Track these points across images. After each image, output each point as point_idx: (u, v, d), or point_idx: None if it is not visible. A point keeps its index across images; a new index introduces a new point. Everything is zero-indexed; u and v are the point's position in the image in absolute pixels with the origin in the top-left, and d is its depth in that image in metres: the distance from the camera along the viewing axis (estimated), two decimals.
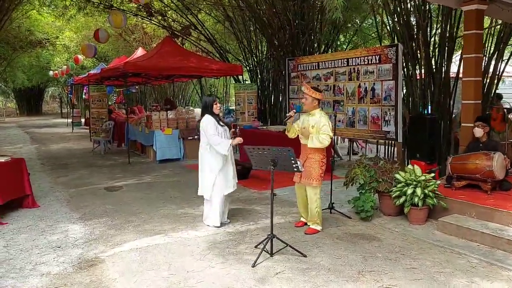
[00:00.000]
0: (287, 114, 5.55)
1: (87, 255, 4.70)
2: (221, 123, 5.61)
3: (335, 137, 10.05)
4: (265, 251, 4.55)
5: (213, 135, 5.42)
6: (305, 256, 4.54)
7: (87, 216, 6.22)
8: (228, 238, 5.17)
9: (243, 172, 8.29)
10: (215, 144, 5.41)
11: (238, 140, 5.58)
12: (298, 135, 5.54)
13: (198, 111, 14.26)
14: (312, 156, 5.31)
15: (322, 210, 5.55)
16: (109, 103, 19.23)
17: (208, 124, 5.48)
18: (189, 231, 5.46)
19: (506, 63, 8.89)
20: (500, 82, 9.29)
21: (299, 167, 4.75)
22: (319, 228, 5.40)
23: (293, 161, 4.59)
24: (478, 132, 6.10)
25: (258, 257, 4.41)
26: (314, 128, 5.26)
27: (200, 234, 5.34)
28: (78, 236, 5.34)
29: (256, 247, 4.80)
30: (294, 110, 5.51)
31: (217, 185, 5.53)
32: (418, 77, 8.49)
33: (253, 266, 4.30)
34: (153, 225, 5.72)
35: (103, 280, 4.09)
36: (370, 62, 8.15)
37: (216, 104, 5.64)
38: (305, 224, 5.57)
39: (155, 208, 6.57)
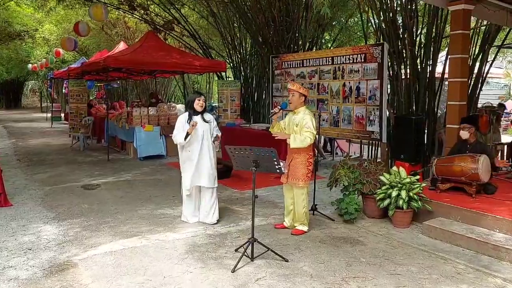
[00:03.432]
0: (272, 111, 5.42)
1: (59, 259, 4.47)
2: (190, 122, 5.46)
3: (318, 136, 9.94)
4: (245, 255, 4.38)
5: (174, 134, 5.57)
6: (286, 260, 4.39)
7: (61, 215, 5.97)
8: (208, 241, 4.99)
9: (225, 171, 8.11)
10: (173, 137, 5.61)
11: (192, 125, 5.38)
12: None
13: (180, 107, 13.98)
14: (297, 156, 5.17)
15: None
16: (90, 97, 18.82)
17: (177, 122, 5.61)
18: (167, 233, 5.26)
19: (491, 65, 8.86)
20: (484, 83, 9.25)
21: (282, 169, 4.60)
22: (305, 228, 5.27)
23: (275, 162, 4.43)
24: (464, 134, 6.01)
25: (238, 262, 4.24)
26: (298, 126, 5.10)
27: (178, 236, 5.15)
28: (51, 237, 5.10)
29: (236, 250, 4.63)
30: (279, 107, 5.31)
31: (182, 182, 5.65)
32: (403, 77, 8.40)
33: (233, 271, 4.13)
34: (130, 227, 5.50)
35: (74, 286, 3.87)
36: (355, 61, 8.02)
37: (198, 100, 5.52)
38: (286, 227, 5.41)
39: (133, 208, 6.34)
